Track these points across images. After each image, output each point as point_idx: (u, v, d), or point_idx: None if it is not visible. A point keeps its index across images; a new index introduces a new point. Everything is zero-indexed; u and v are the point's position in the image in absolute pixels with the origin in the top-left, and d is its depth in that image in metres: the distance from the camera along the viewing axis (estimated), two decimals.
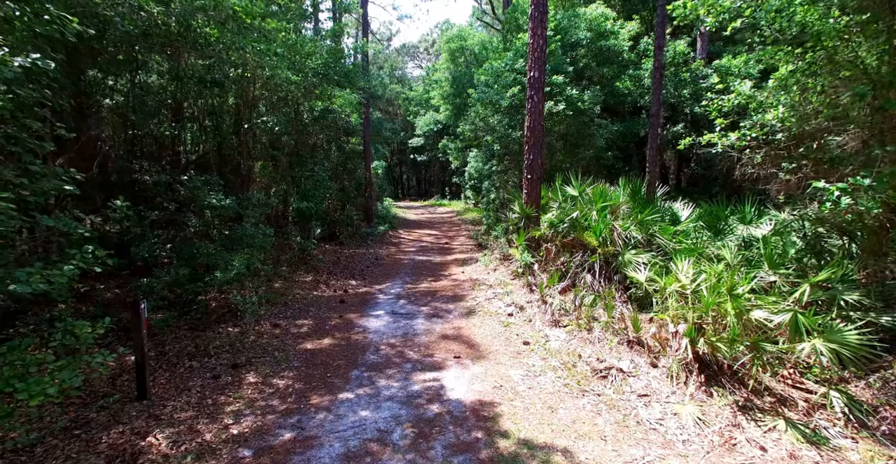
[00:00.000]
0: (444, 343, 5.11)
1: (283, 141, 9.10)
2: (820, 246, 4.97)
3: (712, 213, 6.00)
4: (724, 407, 3.52)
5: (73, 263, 2.54)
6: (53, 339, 2.42)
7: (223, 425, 3.30)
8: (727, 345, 3.70)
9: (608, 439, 3.22)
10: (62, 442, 2.85)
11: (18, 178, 2.34)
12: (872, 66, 3.62)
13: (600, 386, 4.02)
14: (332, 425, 3.36)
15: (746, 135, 4.57)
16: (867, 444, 2.95)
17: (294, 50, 6.68)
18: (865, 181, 3.41)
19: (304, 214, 9.53)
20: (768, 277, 4.41)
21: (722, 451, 3.05)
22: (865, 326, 3.58)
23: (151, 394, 3.63)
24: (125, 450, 2.85)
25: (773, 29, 4.32)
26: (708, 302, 3.91)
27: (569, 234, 6.54)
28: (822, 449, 2.97)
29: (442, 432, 3.29)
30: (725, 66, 9.84)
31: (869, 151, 3.47)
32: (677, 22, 5.45)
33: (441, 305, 6.63)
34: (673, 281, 4.51)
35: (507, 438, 3.21)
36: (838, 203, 3.53)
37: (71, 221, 2.80)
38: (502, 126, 9.52)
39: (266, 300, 6.20)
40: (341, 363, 4.53)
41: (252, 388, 3.93)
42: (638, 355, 4.52)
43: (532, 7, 7.01)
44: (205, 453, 2.94)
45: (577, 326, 5.27)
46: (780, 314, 3.66)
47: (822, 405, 3.36)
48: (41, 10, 2.42)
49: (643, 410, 3.62)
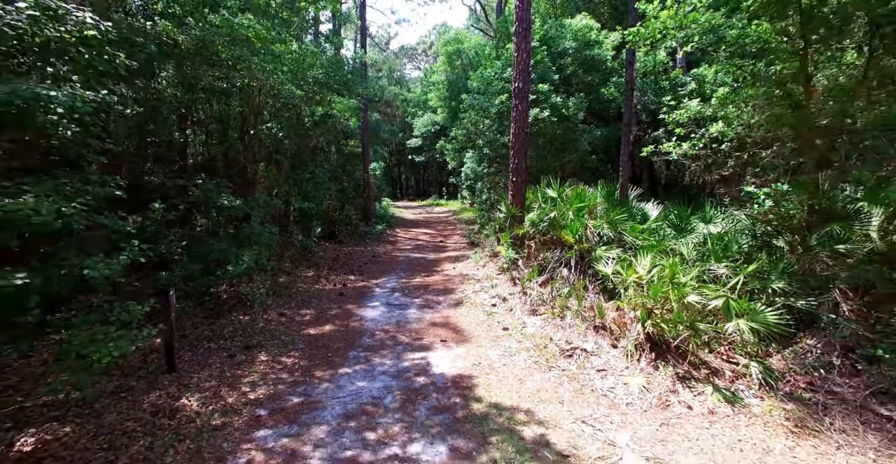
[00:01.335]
0: (432, 329, 5.73)
1: (286, 145, 9.70)
2: (765, 242, 5.61)
3: (676, 213, 6.65)
4: (666, 378, 4.16)
5: (124, 254, 3.15)
6: (114, 315, 3.03)
7: (241, 392, 3.92)
8: (670, 326, 4.34)
9: (565, 402, 3.85)
10: (113, 401, 3.47)
11: (84, 186, 2.95)
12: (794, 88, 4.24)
13: (566, 363, 4.65)
14: (333, 393, 3.98)
15: (696, 145, 5.21)
16: (770, 401, 3.59)
17: (297, 63, 7.28)
18: (784, 187, 4.04)
19: (305, 214, 10.13)
20: (718, 270, 5.05)
21: (657, 410, 3.69)
22: (786, 309, 4.23)
23: (178, 368, 4.25)
24: (164, 408, 3.48)
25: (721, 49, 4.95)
26: (656, 290, 4.55)
27: (548, 232, 7.17)
28: (736, 407, 3.61)
29: (426, 397, 3.92)
30: (703, 74, 10.46)
31: (786, 161, 4.10)
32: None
33: (432, 297, 7.26)
34: (632, 273, 5.14)
35: (480, 402, 3.84)
36: (763, 205, 4.16)
37: (118, 220, 3.42)
38: (491, 131, 10.13)
39: (272, 292, 6.82)
40: (341, 346, 5.15)
41: (264, 364, 4.55)
42: (602, 337, 5.15)
43: (517, 24, 7.63)
44: (228, 412, 3.56)
45: (552, 314, 5.90)
46: (715, 299, 4.30)
47: (744, 374, 4.00)
48: (102, 51, 3.02)
49: (599, 381, 4.26)
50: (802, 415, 3.41)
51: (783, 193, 4.00)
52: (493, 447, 3.16)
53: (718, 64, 5.18)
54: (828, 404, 3.46)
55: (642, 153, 6.62)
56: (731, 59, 4.72)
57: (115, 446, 2.95)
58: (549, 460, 3.02)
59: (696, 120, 5.31)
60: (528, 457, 3.05)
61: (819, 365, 3.89)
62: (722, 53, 4.81)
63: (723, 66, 5.62)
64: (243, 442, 3.18)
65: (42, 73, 2.79)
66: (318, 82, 9.16)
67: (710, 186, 6.43)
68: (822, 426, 3.25)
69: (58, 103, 2.56)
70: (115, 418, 3.27)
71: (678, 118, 5.32)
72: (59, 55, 2.91)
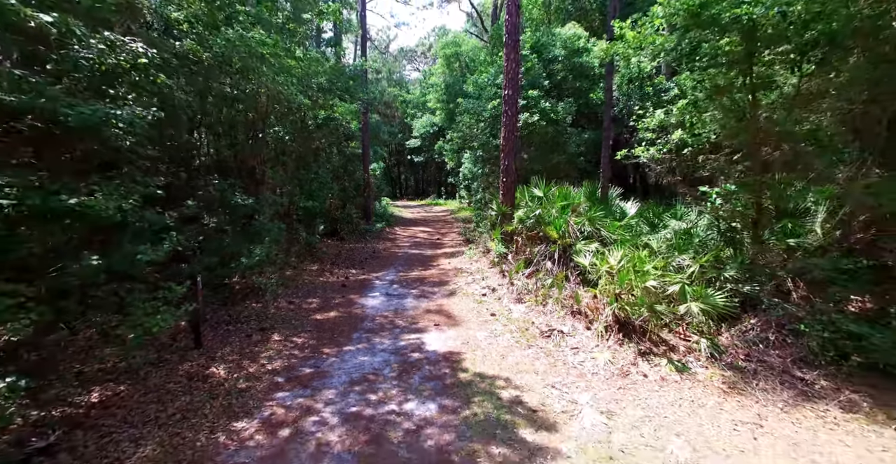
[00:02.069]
0: (427, 315, 6.35)
1: (291, 147, 10.31)
2: (731, 237, 6.24)
3: (651, 210, 7.28)
4: (629, 353, 4.78)
5: (166, 243, 3.77)
6: (160, 294, 3.65)
7: (261, 364, 4.54)
8: (634, 309, 4.97)
9: (539, 373, 4.48)
10: (154, 370, 4.10)
11: (135, 186, 3.56)
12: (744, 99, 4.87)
13: (544, 342, 5.28)
14: (339, 365, 4.60)
15: (661, 149, 5.83)
16: (713, 370, 4.22)
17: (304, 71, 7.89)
18: (731, 187, 4.67)
19: (309, 212, 10.75)
20: (683, 261, 5.68)
21: (617, 378, 4.31)
22: (734, 293, 4.86)
23: (204, 345, 4.86)
24: (197, 374, 4.10)
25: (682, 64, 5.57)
26: (623, 277, 5.17)
27: (535, 228, 7.79)
28: (684, 374, 4.24)
29: (420, 369, 4.54)
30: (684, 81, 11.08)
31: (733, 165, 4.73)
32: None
33: (428, 288, 7.88)
34: (605, 264, 5.76)
35: (466, 372, 4.47)
36: (714, 203, 4.78)
37: (158, 215, 4.04)
38: (485, 134, 10.75)
39: (281, 284, 7.43)
40: (345, 328, 5.78)
41: (278, 343, 5.17)
42: (578, 321, 5.78)
43: (506, 36, 8.25)
44: (251, 379, 4.19)
45: (535, 302, 6.53)
46: (673, 285, 4.92)
47: (695, 349, 4.62)
48: (148, 73, 3.63)
49: (571, 356, 4.88)
50: (736, 379, 4.04)
51: (731, 193, 4.62)
52: (475, 405, 3.78)
53: (687, 75, 5.78)
54: (758, 370, 4.09)
55: (616, 156, 7.25)
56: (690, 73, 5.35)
57: (163, 401, 3.58)
58: (520, 414, 3.64)
59: (664, 127, 5.92)
60: (503, 412, 3.67)
61: (757, 340, 4.52)
62: (684, 67, 5.43)
63: (687, 77, 6.25)
64: (266, 401, 3.81)
65: (105, 94, 3.40)
66: (321, 88, 9.77)
67: (673, 187, 7.06)
68: (749, 387, 3.88)
69: (120, 120, 3.18)
70: (158, 381, 3.89)
71: (647, 125, 5.94)
72: (117, 78, 3.53)
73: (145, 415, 3.38)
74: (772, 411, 3.52)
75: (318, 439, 3.25)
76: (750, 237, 5.26)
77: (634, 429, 3.40)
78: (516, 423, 3.48)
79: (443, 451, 3.14)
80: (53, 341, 3.34)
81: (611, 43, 6.15)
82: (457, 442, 3.24)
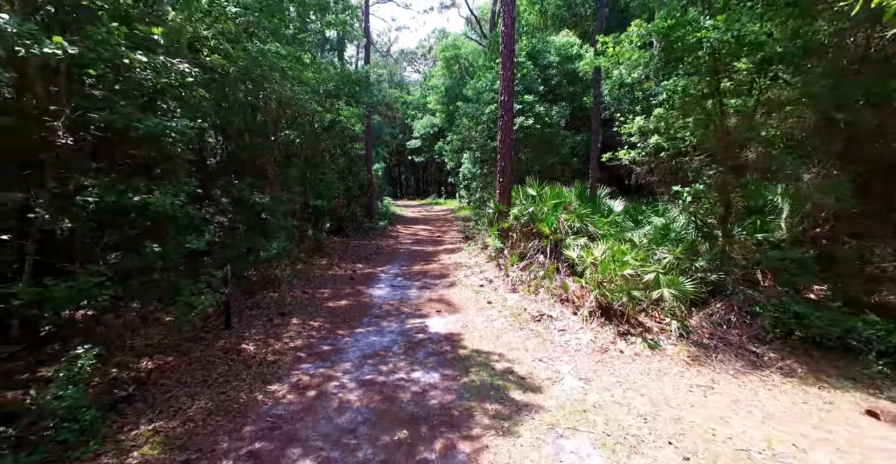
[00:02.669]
0: (429, 303, 6.97)
1: (300, 149, 10.93)
2: (708, 232, 6.86)
3: (635, 208, 7.91)
4: (610, 334, 5.40)
5: (207, 234, 4.39)
6: (202, 279, 4.28)
7: (284, 342, 5.17)
8: (614, 295, 5.59)
9: (529, 350, 5.10)
10: (193, 345, 4.72)
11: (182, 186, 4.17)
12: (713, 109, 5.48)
13: (534, 325, 5.90)
14: (353, 344, 5.22)
15: (640, 152, 6.45)
16: (681, 347, 4.84)
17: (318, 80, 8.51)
18: (700, 187, 5.29)
19: (317, 210, 11.37)
20: (661, 254, 6.30)
21: (597, 354, 4.94)
22: (701, 281, 5.48)
23: (233, 326, 5.48)
24: (231, 349, 4.72)
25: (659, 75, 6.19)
26: (605, 267, 5.80)
27: (529, 224, 8.41)
28: (655, 351, 4.86)
29: (424, 346, 5.16)
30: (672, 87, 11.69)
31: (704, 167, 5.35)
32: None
33: (430, 280, 8.50)
34: (590, 255, 6.38)
35: (465, 349, 5.09)
36: (685, 201, 5.41)
37: (197, 210, 4.66)
38: (483, 137, 11.37)
39: (294, 276, 8.05)
40: (356, 314, 6.40)
41: (297, 326, 5.79)
42: (566, 307, 6.40)
43: (503, 47, 8.86)
44: (277, 353, 4.81)
45: (528, 291, 7.15)
46: (649, 274, 5.54)
47: (667, 330, 5.24)
48: (192, 89, 4.25)
49: (558, 337, 5.50)
50: (699, 354, 4.66)
51: (700, 192, 5.24)
52: (472, 374, 4.40)
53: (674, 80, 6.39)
54: (718, 346, 4.72)
55: (602, 158, 7.87)
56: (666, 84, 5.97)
57: (206, 369, 4.20)
58: (511, 380, 4.26)
59: (644, 132, 6.53)
60: (496, 378, 4.29)
61: (721, 321, 5.14)
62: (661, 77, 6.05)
63: (673, 83, 6.87)
64: (292, 370, 4.43)
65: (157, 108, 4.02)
66: (329, 94, 10.39)
67: (652, 186, 7.69)
68: (708, 360, 4.51)
69: (173, 130, 3.80)
70: (199, 354, 4.52)
71: (629, 130, 6.55)
72: (164, 94, 4.15)
73: (194, 378, 4.00)
74: (724, 377, 4.14)
75: (339, 398, 3.88)
76: (721, 232, 5.88)
77: (606, 391, 4.02)
78: (507, 387, 4.11)
79: (445, 407, 3.76)
80: (115, 317, 3.97)
81: (594, 57, 6.77)
82: (457, 401, 3.86)
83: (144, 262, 3.73)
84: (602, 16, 10.36)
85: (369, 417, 3.57)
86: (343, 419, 3.53)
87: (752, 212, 6.46)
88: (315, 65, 9.70)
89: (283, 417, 3.53)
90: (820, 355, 4.31)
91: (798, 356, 4.34)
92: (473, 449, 3.15)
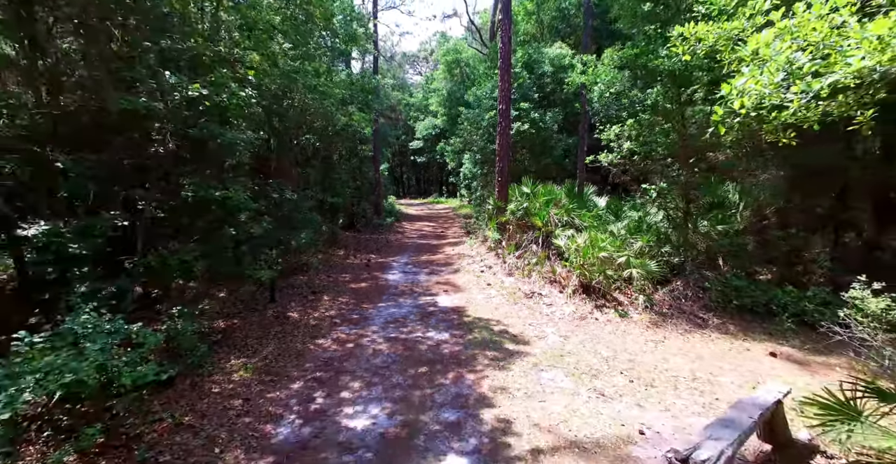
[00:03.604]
0: (437, 285, 8.10)
1: (319, 151, 12.05)
2: (678, 224, 7.98)
3: (616, 204, 9.03)
4: (588, 306, 6.52)
5: (264, 223, 5.51)
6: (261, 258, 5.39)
7: (320, 312, 6.29)
8: (592, 274, 6.71)
9: (521, 317, 6.22)
10: (250, 312, 5.85)
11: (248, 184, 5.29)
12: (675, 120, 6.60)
13: (526, 301, 7.02)
14: (377, 314, 6.35)
15: (617, 156, 7.57)
16: (645, 315, 5.96)
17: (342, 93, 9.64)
18: (663, 185, 6.41)
19: (333, 207, 12.49)
20: (635, 242, 7.42)
21: (577, 321, 6.06)
22: (665, 264, 6.60)
23: (277, 301, 6.61)
24: (280, 315, 5.85)
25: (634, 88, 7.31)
26: (585, 252, 6.92)
27: (523, 218, 9.54)
28: (624, 319, 5.98)
29: (435, 315, 6.28)
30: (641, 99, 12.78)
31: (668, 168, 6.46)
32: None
33: (436, 267, 9.63)
34: (574, 243, 7.51)
35: (468, 317, 6.21)
36: (651, 197, 6.52)
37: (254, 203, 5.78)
38: (482, 140, 12.48)
39: (319, 263, 9.18)
40: (375, 293, 7.52)
41: (328, 301, 6.92)
42: (554, 288, 7.52)
43: (500, 61, 9.97)
44: (317, 319, 5.93)
45: (522, 275, 8.28)
46: (621, 257, 6.67)
47: (636, 303, 6.36)
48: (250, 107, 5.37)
49: (546, 309, 6.63)
50: (658, 319, 5.79)
51: (663, 189, 6.35)
52: (475, 333, 5.52)
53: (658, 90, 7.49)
54: (674, 314, 5.84)
55: (586, 161, 8.99)
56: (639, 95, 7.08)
57: (265, 328, 5.33)
58: (506, 337, 5.39)
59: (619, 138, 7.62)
60: (494, 336, 5.41)
61: (680, 295, 6.26)
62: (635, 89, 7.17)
63: (657, 92, 7.98)
64: (331, 330, 5.55)
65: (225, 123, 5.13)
66: (343, 101, 11.51)
67: (625, 185, 8.82)
68: (665, 323, 5.63)
69: (241, 141, 4.93)
70: (256, 319, 5.65)
71: (608, 136, 7.65)
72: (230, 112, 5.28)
73: (259, 333, 5.13)
74: (674, 335, 5.27)
75: (373, 348, 5.00)
76: (684, 223, 7.00)
77: (580, 344, 5.14)
78: (503, 341, 5.23)
79: (454, 354, 4.88)
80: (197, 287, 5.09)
81: (579, 74, 7.89)
82: (463, 350, 4.98)
83: (221, 243, 4.85)
84: (588, 33, 11.46)
85: (397, 359, 4.70)
86: (377, 360, 4.65)
87: (713, 206, 7.59)
88: (331, 75, 10.82)
89: (332, 358, 4.66)
90: (751, 319, 5.44)
91: (734, 319, 5.46)
92: (477, 378, 4.28)
